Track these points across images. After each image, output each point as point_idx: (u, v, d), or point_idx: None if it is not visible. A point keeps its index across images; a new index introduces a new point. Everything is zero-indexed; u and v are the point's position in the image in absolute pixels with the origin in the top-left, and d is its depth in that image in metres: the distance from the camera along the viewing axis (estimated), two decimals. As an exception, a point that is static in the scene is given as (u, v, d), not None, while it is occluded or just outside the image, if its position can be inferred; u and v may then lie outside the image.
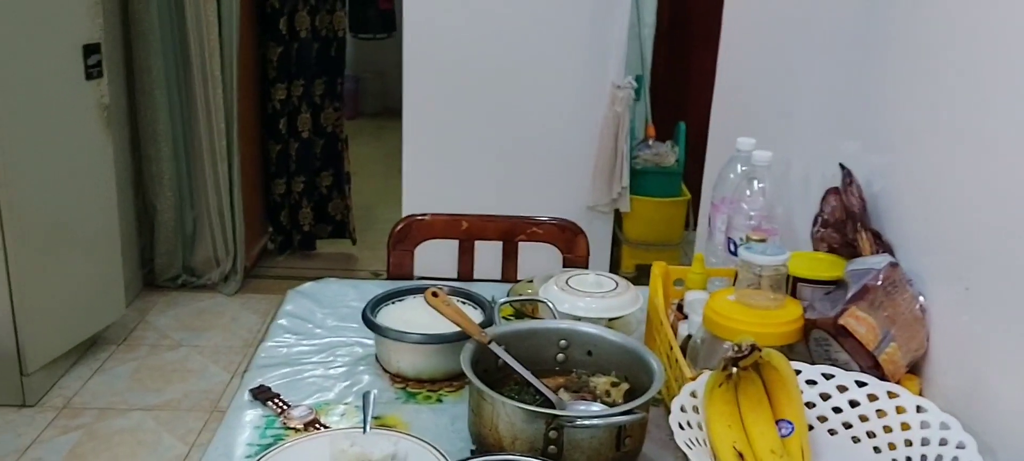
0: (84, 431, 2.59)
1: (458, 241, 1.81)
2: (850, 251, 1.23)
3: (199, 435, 2.60)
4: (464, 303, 1.34)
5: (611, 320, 1.31)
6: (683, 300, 1.28)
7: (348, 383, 1.26)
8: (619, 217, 3.55)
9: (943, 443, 0.96)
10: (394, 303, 1.36)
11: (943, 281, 1.09)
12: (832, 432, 1.06)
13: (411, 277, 1.76)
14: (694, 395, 1.02)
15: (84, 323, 2.91)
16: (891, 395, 1.03)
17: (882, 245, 1.20)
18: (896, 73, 1.25)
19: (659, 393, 1.06)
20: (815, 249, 1.31)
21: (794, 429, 0.98)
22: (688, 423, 0.98)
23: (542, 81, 3.14)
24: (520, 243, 1.81)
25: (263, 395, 1.21)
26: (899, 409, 1.02)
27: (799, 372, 1.05)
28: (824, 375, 1.07)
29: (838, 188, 1.29)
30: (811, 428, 1.05)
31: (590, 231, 1.85)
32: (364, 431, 1.09)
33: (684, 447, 0.93)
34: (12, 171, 2.46)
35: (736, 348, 0.98)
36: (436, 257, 1.85)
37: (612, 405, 1.12)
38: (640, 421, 1.03)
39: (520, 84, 3.13)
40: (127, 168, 3.34)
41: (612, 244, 3.48)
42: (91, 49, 2.73)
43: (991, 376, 1.00)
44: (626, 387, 1.14)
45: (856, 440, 1.05)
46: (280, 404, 1.19)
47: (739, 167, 1.39)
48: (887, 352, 1.07)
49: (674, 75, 4.18)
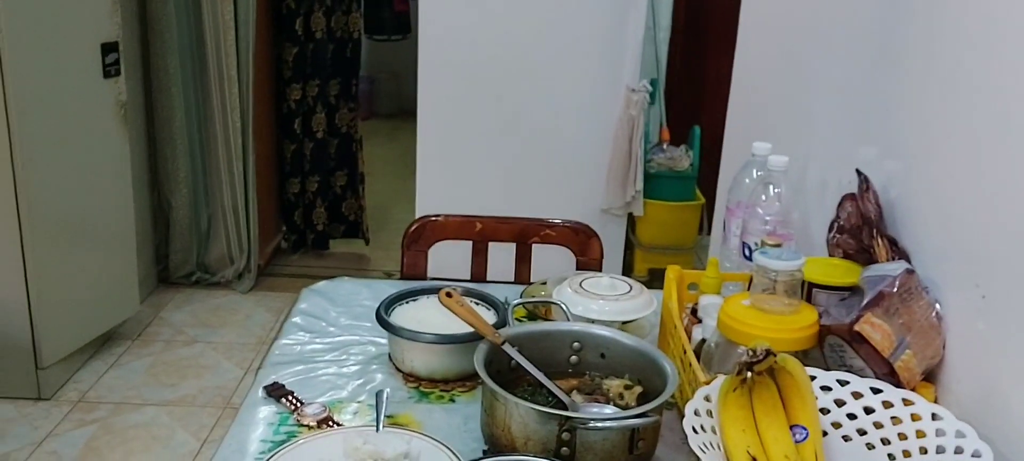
0: (99, 425, 2.60)
1: (472, 242, 1.81)
2: (866, 257, 1.23)
3: (212, 431, 2.62)
4: (478, 304, 1.35)
5: (624, 323, 1.31)
6: (697, 304, 1.28)
7: (361, 381, 1.27)
8: (632, 221, 3.55)
9: (958, 451, 0.96)
10: (408, 303, 1.36)
11: (959, 288, 1.09)
12: (846, 439, 1.06)
13: (425, 277, 1.77)
14: (708, 399, 1.01)
15: (99, 318, 2.94)
16: (906, 402, 1.02)
17: (898, 252, 1.20)
18: (914, 79, 1.24)
19: (672, 397, 1.06)
20: (831, 255, 1.30)
21: (808, 435, 0.97)
22: (702, 427, 0.98)
23: (556, 83, 3.14)
24: (533, 245, 1.81)
25: (277, 392, 1.21)
26: (914, 416, 1.01)
27: (814, 378, 1.05)
28: (839, 381, 1.06)
29: (854, 194, 1.29)
30: (825, 434, 1.04)
31: (603, 234, 1.84)
32: (377, 429, 1.09)
33: (698, 451, 0.93)
34: (30, 167, 2.48)
35: (751, 353, 0.98)
36: (450, 258, 1.86)
37: (625, 408, 1.11)
38: (653, 424, 1.03)
39: (534, 86, 3.13)
40: (143, 165, 3.36)
41: (625, 248, 3.47)
42: (109, 47, 2.75)
43: (1007, 384, 0.99)
44: (639, 390, 1.14)
45: (871, 447, 1.04)
46: (294, 401, 1.19)
47: (755, 172, 1.39)
48: (902, 359, 1.06)
49: (689, 79, 4.17)
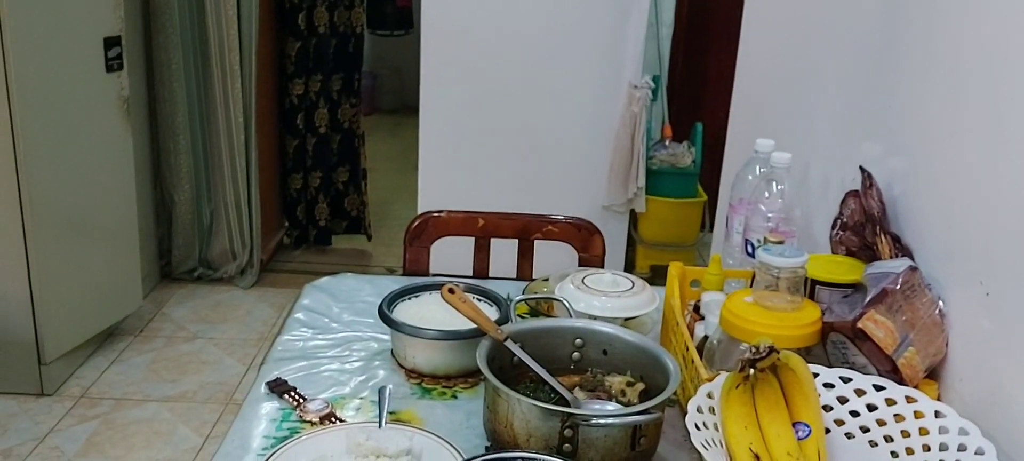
0: (101, 420, 2.61)
1: (474, 238, 1.81)
2: (869, 254, 1.23)
3: (214, 427, 2.62)
4: (480, 300, 1.35)
5: (627, 320, 1.31)
6: (699, 301, 1.28)
7: (364, 378, 1.27)
8: (634, 217, 3.54)
9: (962, 449, 0.96)
10: (410, 299, 1.36)
11: (963, 285, 1.09)
12: (849, 436, 1.05)
13: (427, 273, 1.77)
14: (710, 396, 1.01)
15: (102, 314, 2.94)
16: (909, 400, 1.02)
17: (901, 249, 1.19)
18: (917, 76, 1.24)
19: (674, 394, 1.06)
20: (833, 252, 1.30)
21: (811, 432, 0.97)
22: (704, 424, 0.98)
23: (559, 80, 3.14)
24: (536, 241, 1.81)
25: (279, 388, 1.21)
26: (917, 414, 1.01)
27: (816, 375, 1.05)
28: (842, 378, 1.06)
29: (858, 191, 1.28)
30: (828, 431, 1.04)
31: (605, 231, 1.84)
32: (380, 426, 1.09)
33: (700, 448, 0.93)
34: (32, 162, 2.49)
35: (754, 350, 0.98)
36: (452, 254, 1.86)
37: (627, 404, 1.11)
38: (655, 421, 1.03)
39: (537, 82, 3.13)
40: (146, 161, 3.36)
41: (627, 244, 3.47)
42: (112, 42, 2.75)
43: (1011, 382, 0.99)
44: (641, 387, 1.14)
45: (873, 444, 1.04)
46: (296, 397, 1.19)
47: (758, 168, 1.39)
48: (905, 356, 1.06)
49: (691, 75, 4.17)
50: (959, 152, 1.12)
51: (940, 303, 1.11)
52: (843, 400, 1.06)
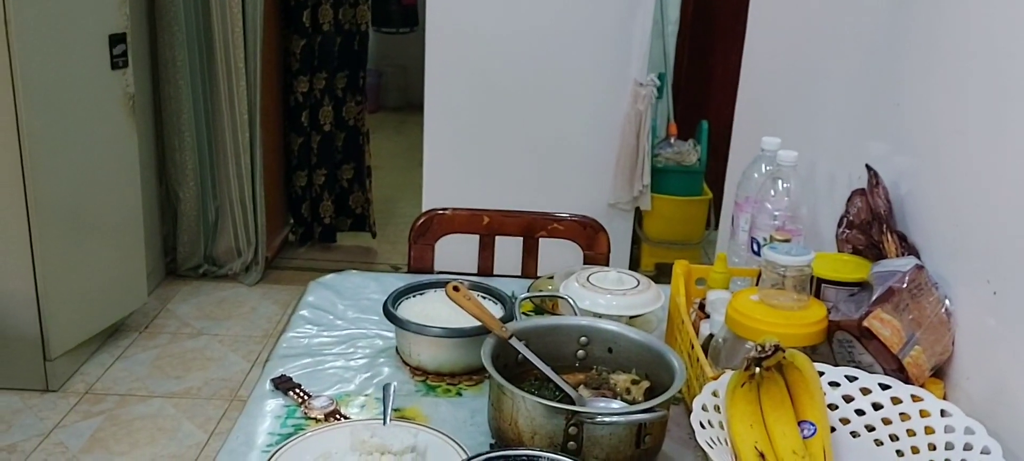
0: (106, 417, 2.61)
1: (479, 236, 1.81)
2: (875, 253, 1.22)
3: (219, 423, 2.62)
4: (485, 298, 1.35)
5: (632, 318, 1.31)
6: (705, 299, 1.28)
7: (369, 375, 1.27)
8: (639, 215, 3.54)
9: (968, 448, 0.95)
10: (415, 296, 1.36)
11: (969, 284, 1.08)
12: (855, 434, 1.05)
13: (432, 271, 1.76)
14: (716, 394, 1.01)
15: (107, 310, 2.94)
16: (915, 399, 1.02)
17: (908, 247, 1.19)
18: (923, 74, 1.24)
19: (679, 392, 1.06)
20: (840, 250, 1.29)
21: (816, 430, 0.97)
22: (709, 422, 0.98)
23: (564, 77, 3.13)
24: (541, 239, 1.80)
25: (284, 385, 1.21)
26: (923, 413, 1.01)
27: (822, 373, 1.04)
28: (847, 377, 1.06)
29: (864, 189, 1.28)
30: (834, 430, 1.04)
31: (610, 229, 1.84)
32: (384, 423, 1.09)
33: (705, 446, 0.93)
34: (38, 159, 2.49)
35: (759, 348, 0.97)
36: (457, 252, 1.86)
37: (632, 402, 1.11)
38: (660, 419, 1.03)
39: (542, 80, 3.12)
40: (151, 157, 3.36)
41: (632, 242, 3.47)
42: (117, 39, 2.75)
43: (1017, 381, 0.99)
44: (646, 385, 1.14)
45: (879, 443, 1.04)
46: (301, 394, 1.19)
47: (764, 167, 1.38)
48: (911, 355, 1.06)
49: (697, 73, 4.16)
50: (966, 151, 1.11)
51: (946, 302, 1.11)
52: (849, 399, 1.06)
